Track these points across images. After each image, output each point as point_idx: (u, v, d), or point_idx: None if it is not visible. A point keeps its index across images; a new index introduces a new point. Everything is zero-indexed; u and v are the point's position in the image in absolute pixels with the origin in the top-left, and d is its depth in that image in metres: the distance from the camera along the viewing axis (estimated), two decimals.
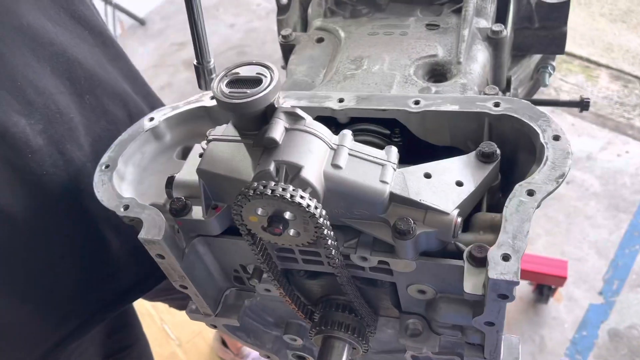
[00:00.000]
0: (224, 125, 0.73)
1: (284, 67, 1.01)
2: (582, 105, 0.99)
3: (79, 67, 0.92)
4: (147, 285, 1.09)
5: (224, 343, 2.20)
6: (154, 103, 1.14)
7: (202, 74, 0.74)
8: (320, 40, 0.98)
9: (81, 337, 1.01)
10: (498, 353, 0.70)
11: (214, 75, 0.73)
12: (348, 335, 0.76)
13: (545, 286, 2.17)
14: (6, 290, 0.87)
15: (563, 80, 3.03)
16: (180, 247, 0.72)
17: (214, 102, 0.83)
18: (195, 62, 0.74)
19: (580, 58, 3.13)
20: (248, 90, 0.66)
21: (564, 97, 3.00)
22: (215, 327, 0.86)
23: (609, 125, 2.82)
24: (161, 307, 2.22)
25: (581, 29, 3.36)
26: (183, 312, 2.14)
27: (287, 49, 1.01)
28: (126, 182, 0.78)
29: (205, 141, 0.75)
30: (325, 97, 0.79)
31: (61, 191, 0.88)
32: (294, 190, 0.59)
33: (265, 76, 0.67)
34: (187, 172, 0.74)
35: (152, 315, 2.37)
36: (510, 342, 0.71)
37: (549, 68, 1.12)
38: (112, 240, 0.99)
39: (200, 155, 0.76)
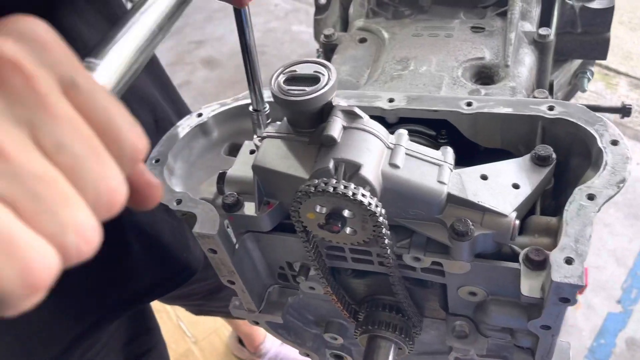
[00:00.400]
0: (278, 123, 0.73)
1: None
2: (624, 111, 0.98)
3: None
4: (165, 289, 1.10)
5: (240, 342, 2.20)
6: (182, 109, 1.14)
7: (259, 120, 0.75)
8: (362, 40, 0.98)
9: (98, 333, 1.01)
10: (550, 357, 0.69)
11: (269, 120, 0.75)
12: (395, 335, 0.76)
13: None
14: None
15: None
16: (232, 243, 0.73)
17: None
18: (251, 108, 0.75)
19: (599, 66, 3.12)
20: (307, 88, 0.66)
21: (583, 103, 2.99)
22: (257, 323, 0.86)
23: (628, 133, 2.81)
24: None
25: None
26: None
27: (329, 48, 1.01)
28: (175, 176, 0.79)
29: (257, 137, 0.76)
30: (374, 96, 0.79)
31: None
32: (355, 188, 0.59)
33: (323, 74, 0.67)
34: (238, 168, 0.75)
35: (168, 312, 2.37)
36: (561, 347, 0.71)
37: (588, 73, 1.11)
38: (133, 243, 0.99)
39: (251, 152, 0.77)
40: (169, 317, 2.37)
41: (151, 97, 1.01)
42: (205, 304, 1.48)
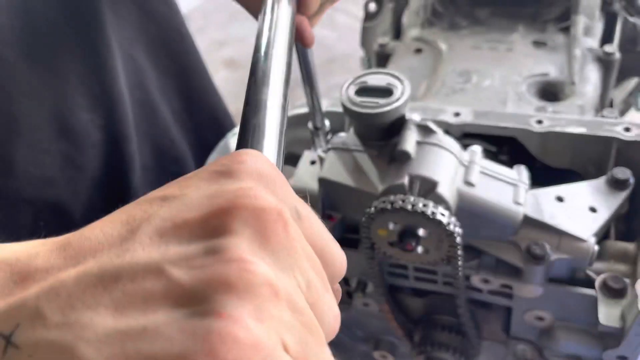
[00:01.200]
0: (343, 134, 0.71)
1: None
2: None
3: (131, 62, 0.91)
4: None
5: None
6: (209, 102, 1.12)
7: (319, 137, 0.72)
8: (418, 50, 0.96)
9: None
10: None
11: (329, 137, 0.72)
12: (455, 357, 0.74)
13: None
14: None
15: None
16: None
17: None
18: (310, 125, 0.72)
19: None
20: (380, 100, 0.64)
21: None
22: None
23: None
24: None
25: None
26: None
27: (383, 57, 0.99)
28: None
29: (319, 149, 0.74)
30: (439, 110, 0.77)
31: (117, 189, 0.87)
32: (434, 206, 0.57)
33: (396, 87, 0.66)
34: (299, 179, 0.73)
35: None
36: None
37: None
38: None
39: (312, 163, 0.75)
40: None
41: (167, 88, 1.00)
42: None
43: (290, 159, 0.83)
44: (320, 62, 0.98)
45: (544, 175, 0.73)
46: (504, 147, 0.79)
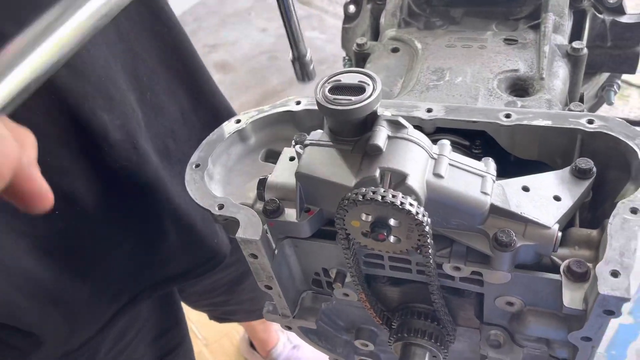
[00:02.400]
0: (319, 131, 0.74)
1: None
2: None
3: (142, 64, 0.93)
4: (194, 274, 1.15)
5: (251, 345, 2.20)
6: (215, 102, 1.14)
7: (301, 67, 0.73)
8: (395, 50, 0.99)
9: (129, 312, 1.04)
10: None
11: (312, 67, 0.72)
12: (430, 343, 0.77)
13: None
14: (70, 270, 0.89)
15: None
16: (272, 248, 0.73)
17: (299, 107, 0.84)
18: (290, 56, 0.74)
19: None
20: (353, 98, 0.67)
21: None
22: (290, 328, 0.86)
23: None
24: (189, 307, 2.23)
25: None
26: None
27: (361, 57, 1.02)
28: (214, 181, 0.80)
29: (297, 145, 0.76)
30: (412, 106, 0.80)
31: (131, 185, 0.91)
32: (403, 197, 0.60)
33: (368, 84, 0.68)
34: (279, 174, 0.76)
35: None
36: (598, 358, 0.71)
37: (615, 86, 1.12)
38: (170, 233, 1.04)
39: (292, 159, 0.77)
40: None
41: (178, 89, 1.03)
42: (228, 300, 1.50)
43: (271, 156, 0.85)
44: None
45: (519, 167, 0.76)
46: (477, 141, 0.82)
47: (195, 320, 2.38)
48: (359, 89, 0.68)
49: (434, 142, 0.72)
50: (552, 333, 0.70)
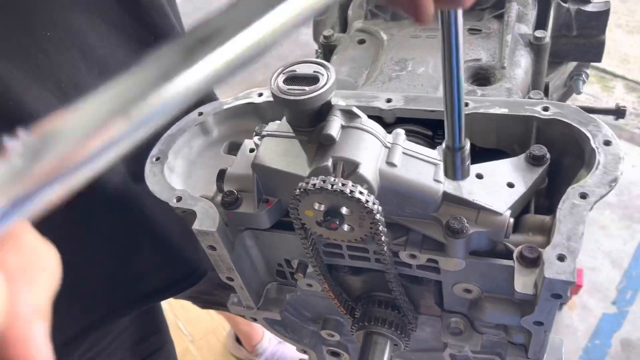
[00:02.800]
0: (277, 122, 0.74)
1: None
2: (618, 113, 1.00)
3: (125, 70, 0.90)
4: (176, 290, 1.11)
5: (237, 340, 2.21)
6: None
7: (455, 161, 0.57)
8: (361, 41, 1.00)
9: (107, 326, 1.02)
10: (542, 354, 0.71)
11: (468, 163, 0.58)
12: (390, 331, 0.77)
13: None
14: None
15: None
16: (230, 240, 0.74)
17: (261, 99, 0.84)
18: (444, 146, 0.57)
19: (597, 68, 3.14)
20: (306, 88, 0.67)
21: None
22: (255, 320, 0.87)
23: (624, 136, 2.83)
24: (175, 303, 2.23)
25: None
26: (196, 309, 2.16)
27: (328, 49, 1.02)
28: (175, 174, 0.80)
29: (256, 136, 0.77)
30: (372, 97, 0.80)
31: (103, 194, 0.87)
32: (353, 185, 0.61)
33: (322, 74, 0.69)
34: (238, 166, 0.76)
35: (165, 310, 2.38)
36: (554, 344, 0.72)
37: (583, 75, 1.13)
38: (144, 248, 1.00)
39: (252, 150, 0.78)
40: (167, 316, 2.38)
41: None
42: (216, 292, 1.48)
43: (234, 149, 0.85)
44: (295, 58, 1.00)
45: (483, 156, 0.76)
46: (439, 130, 0.83)
47: (182, 316, 2.38)
48: (313, 79, 0.69)
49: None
50: (507, 319, 0.71)
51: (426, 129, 0.83)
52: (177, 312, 2.40)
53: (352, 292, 0.82)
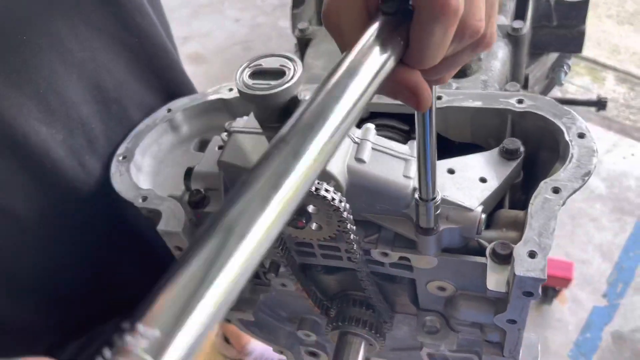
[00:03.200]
0: (245, 118, 0.72)
1: None
2: (600, 104, 0.98)
3: (108, 75, 0.86)
4: None
5: (226, 340, 2.19)
6: None
7: (428, 210, 0.60)
8: None
9: (81, 337, 1.00)
10: (517, 352, 0.69)
11: (439, 212, 0.61)
12: (365, 331, 0.76)
13: (549, 287, 2.17)
14: (10, 288, 0.85)
15: (569, 81, 3.03)
16: None
17: (232, 94, 0.82)
18: (417, 196, 0.59)
19: (587, 60, 3.13)
20: (272, 82, 0.65)
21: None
22: (229, 321, 0.85)
23: (614, 127, 2.81)
24: None
25: (588, 31, 3.35)
26: None
27: (304, 42, 1.00)
28: (143, 173, 0.78)
29: (225, 133, 0.75)
30: None
31: (79, 202, 0.84)
32: (318, 183, 0.59)
33: (289, 68, 0.67)
34: (206, 164, 0.74)
35: None
36: (530, 341, 0.71)
37: (565, 67, 1.11)
38: (124, 255, 0.97)
39: (220, 148, 0.76)
40: None
41: (152, 104, 0.97)
42: None
43: (204, 146, 0.83)
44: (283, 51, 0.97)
45: (462, 151, 0.74)
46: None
47: None
48: (280, 74, 0.67)
49: (377, 127, 0.71)
50: (481, 317, 0.69)
51: (403, 123, 0.81)
52: None
53: (327, 291, 0.81)
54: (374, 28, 0.39)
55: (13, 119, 0.73)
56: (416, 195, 0.60)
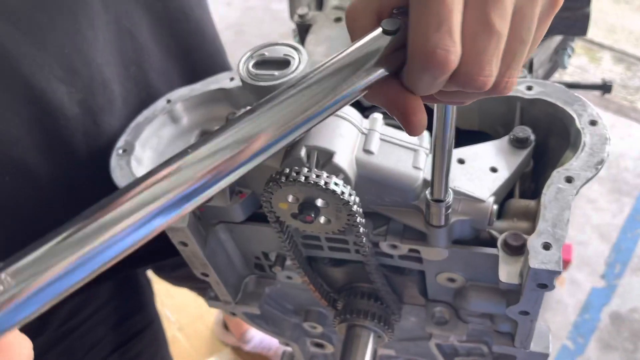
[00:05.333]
0: (249, 108, 0.70)
1: None
2: (605, 88, 0.97)
3: (129, 38, 0.87)
4: (160, 256, 1.07)
5: (226, 327, 2.19)
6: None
7: (440, 210, 0.59)
8: (338, 19, 0.95)
9: (84, 292, 1.00)
10: (529, 342, 0.69)
11: (450, 211, 0.60)
12: (373, 323, 0.75)
13: None
14: (19, 240, 0.85)
15: None
16: (203, 234, 0.70)
17: (233, 84, 0.80)
18: (429, 196, 0.59)
19: (584, 40, 3.11)
20: (276, 72, 0.63)
21: (567, 79, 2.98)
22: (234, 314, 0.84)
23: (611, 108, 2.81)
24: (162, 290, 2.20)
25: None
26: (183, 296, 2.11)
27: (304, 28, 0.98)
28: (144, 167, 0.76)
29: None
30: None
31: (89, 160, 0.86)
32: (328, 176, 0.57)
33: (293, 57, 0.65)
34: None
35: None
36: (541, 331, 0.70)
37: (569, 50, 1.09)
38: None
39: None
40: None
41: (170, 70, 0.96)
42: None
43: None
44: (277, 36, 0.95)
45: (468, 140, 0.72)
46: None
47: (168, 304, 2.36)
48: (284, 63, 0.65)
49: (384, 116, 0.69)
50: (492, 308, 0.68)
51: None
52: (163, 299, 2.36)
53: (334, 283, 0.80)
54: (372, 35, 0.38)
55: (32, 76, 0.74)
56: (427, 195, 0.59)
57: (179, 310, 2.32)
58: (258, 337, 2.10)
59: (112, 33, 0.82)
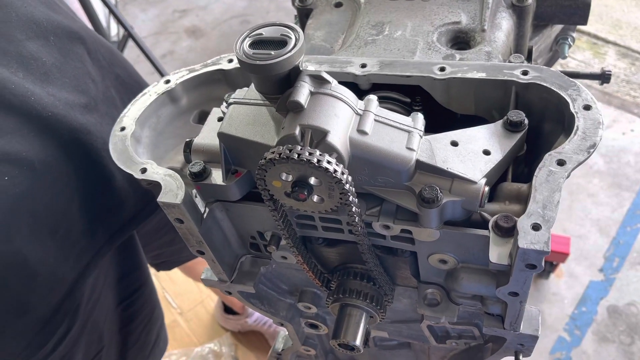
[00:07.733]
0: (245, 89, 0.71)
1: None
2: (604, 77, 0.97)
3: (37, 11, 0.95)
4: (145, 213, 1.13)
5: (226, 311, 2.21)
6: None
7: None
8: (338, 5, 0.96)
9: (94, 271, 1.03)
10: (519, 324, 0.69)
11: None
12: (366, 303, 0.76)
13: (546, 262, 2.18)
14: (33, 234, 0.87)
15: (570, 56, 3.00)
16: (199, 212, 0.71)
17: (231, 65, 0.81)
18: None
19: (588, 34, 3.10)
20: (272, 52, 0.64)
21: None
22: (230, 293, 0.85)
23: (614, 103, 2.80)
24: (162, 275, 2.21)
25: None
26: (183, 281, 2.13)
27: (304, 13, 0.98)
28: (142, 145, 0.77)
29: (225, 104, 0.74)
30: (347, 62, 0.77)
31: (67, 131, 0.90)
32: (320, 155, 0.58)
33: (290, 37, 0.65)
34: (206, 135, 0.73)
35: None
36: (530, 314, 0.71)
37: (569, 39, 1.09)
38: (115, 173, 1.02)
39: (220, 119, 0.75)
40: None
41: (79, 29, 1.05)
42: (174, 238, 1.46)
43: (204, 118, 0.82)
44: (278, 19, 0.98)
45: (465, 123, 0.73)
46: (417, 97, 0.80)
47: (169, 289, 2.38)
48: (281, 43, 0.65)
49: (379, 99, 0.70)
50: (483, 289, 0.69)
51: (403, 95, 0.80)
52: (164, 284, 2.39)
53: (328, 264, 0.81)
54: None
55: None
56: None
57: (180, 295, 2.34)
58: (257, 314, 2.13)
59: (21, 8, 0.91)
